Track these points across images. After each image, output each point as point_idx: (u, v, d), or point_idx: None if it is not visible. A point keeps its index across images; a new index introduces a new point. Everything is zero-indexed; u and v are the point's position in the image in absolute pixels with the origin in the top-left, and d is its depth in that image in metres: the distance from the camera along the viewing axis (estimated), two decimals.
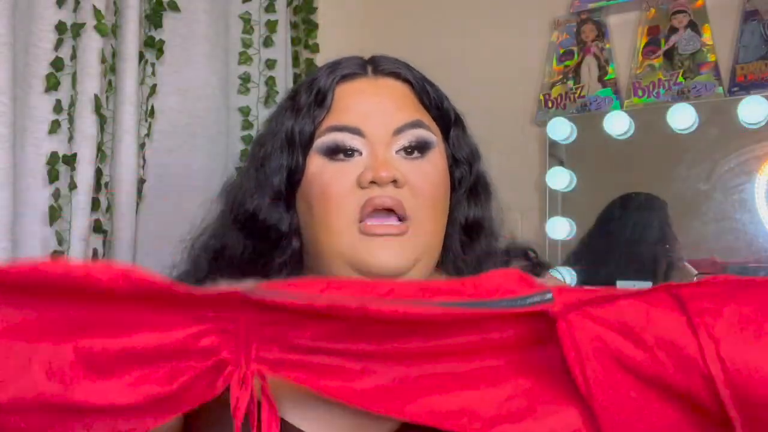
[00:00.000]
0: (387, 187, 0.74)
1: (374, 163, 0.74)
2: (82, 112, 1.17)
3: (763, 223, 1.36)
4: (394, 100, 0.79)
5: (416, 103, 0.80)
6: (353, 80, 0.80)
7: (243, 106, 1.60)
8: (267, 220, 0.81)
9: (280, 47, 1.65)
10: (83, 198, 1.16)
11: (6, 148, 1.03)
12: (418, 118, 0.78)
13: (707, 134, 1.43)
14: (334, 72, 0.80)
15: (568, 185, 1.55)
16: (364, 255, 0.74)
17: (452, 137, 0.83)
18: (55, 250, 1.13)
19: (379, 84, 0.80)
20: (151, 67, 1.38)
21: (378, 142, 0.76)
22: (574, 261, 1.55)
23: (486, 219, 0.84)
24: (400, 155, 0.76)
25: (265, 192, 0.81)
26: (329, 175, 0.76)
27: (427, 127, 0.78)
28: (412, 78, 0.80)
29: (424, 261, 0.77)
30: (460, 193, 0.83)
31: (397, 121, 0.76)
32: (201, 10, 1.49)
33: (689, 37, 1.47)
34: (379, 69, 0.81)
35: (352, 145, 0.76)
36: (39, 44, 1.15)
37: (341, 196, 0.75)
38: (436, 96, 0.82)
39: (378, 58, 0.82)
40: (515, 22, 1.71)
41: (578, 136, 1.56)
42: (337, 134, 0.76)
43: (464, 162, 0.83)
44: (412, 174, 0.76)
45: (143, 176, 1.36)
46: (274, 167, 0.81)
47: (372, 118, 0.77)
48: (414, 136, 0.77)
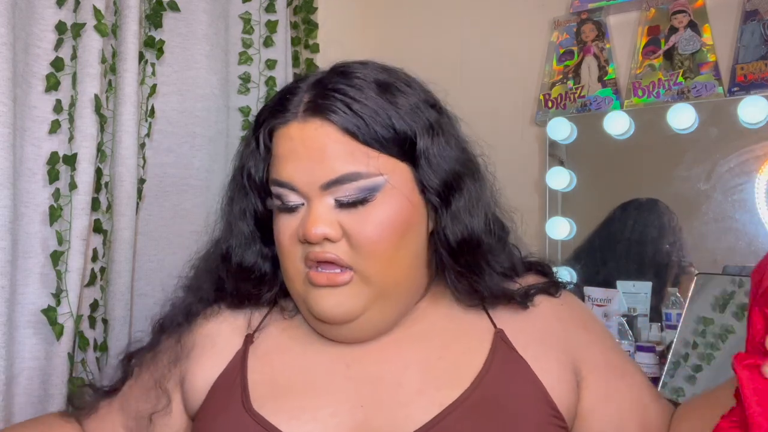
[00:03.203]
0: (323, 244, 0.73)
1: (306, 222, 0.73)
2: (82, 112, 1.17)
3: (763, 223, 1.36)
4: (320, 151, 0.72)
5: (351, 144, 0.73)
6: (285, 125, 0.75)
7: (243, 106, 1.60)
8: (242, 262, 0.83)
9: (280, 47, 1.65)
10: (83, 198, 1.16)
11: (6, 148, 1.03)
12: (348, 170, 0.72)
13: (707, 134, 1.43)
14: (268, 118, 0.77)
15: (568, 185, 1.55)
16: (311, 304, 0.76)
17: (420, 153, 0.76)
18: (55, 250, 1.13)
19: (306, 129, 0.73)
20: (151, 67, 1.38)
21: (311, 197, 0.74)
22: (574, 261, 1.55)
23: (477, 230, 0.79)
24: (337, 204, 0.73)
25: (236, 234, 0.83)
26: (278, 226, 0.77)
27: (365, 175, 0.72)
28: (342, 120, 0.72)
29: (384, 302, 0.76)
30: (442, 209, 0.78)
31: (322, 177, 0.72)
32: (201, 10, 1.49)
33: (689, 37, 1.47)
34: (308, 108, 0.74)
35: (291, 200, 0.75)
36: (39, 44, 1.15)
37: (288, 246, 0.76)
38: (381, 125, 0.73)
39: (315, 92, 0.75)
40: (515, 22, 1.71)
41: (578, 136, 1.56)
42: (279, 189, 0.76)
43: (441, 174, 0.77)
44: (351, 226, 0.73)
45: (143, 176, 1.36)
46: (238, 212, 0.82)
47: (300, 173, 0.73)
48: (346, 191, 0.72)
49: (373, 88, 0.75)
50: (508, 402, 0.73)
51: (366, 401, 0.74)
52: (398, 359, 0.77)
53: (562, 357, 0.78)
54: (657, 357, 1.31)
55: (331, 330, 0.78)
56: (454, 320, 0.80)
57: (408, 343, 0.78)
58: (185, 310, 0.86)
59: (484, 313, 0.80)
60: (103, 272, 1.24)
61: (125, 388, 0.87)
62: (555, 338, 0.79)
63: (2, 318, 1.03)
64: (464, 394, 0.72)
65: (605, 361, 0.80)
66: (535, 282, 0.84)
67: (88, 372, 1.20)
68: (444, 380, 0.74)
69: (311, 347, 0.80)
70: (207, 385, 0.81)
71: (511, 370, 0.75)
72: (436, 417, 0.71)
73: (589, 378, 0.78)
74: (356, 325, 0.76)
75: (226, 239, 0.84)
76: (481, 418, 0.71)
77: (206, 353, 0.83)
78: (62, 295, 1.13)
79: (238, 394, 0.77)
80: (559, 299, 0.83)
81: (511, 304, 0.80)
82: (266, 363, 0.80)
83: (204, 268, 0.88)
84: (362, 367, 0.77)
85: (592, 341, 0.81)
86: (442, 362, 0.76)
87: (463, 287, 0.80)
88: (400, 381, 0.75)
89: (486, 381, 0.74)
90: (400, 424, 0.71)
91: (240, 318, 0.85)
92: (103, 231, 1.23)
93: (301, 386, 0.77)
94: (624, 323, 1.38)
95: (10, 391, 1.07)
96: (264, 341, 0.82)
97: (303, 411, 0.74)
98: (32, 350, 1.12)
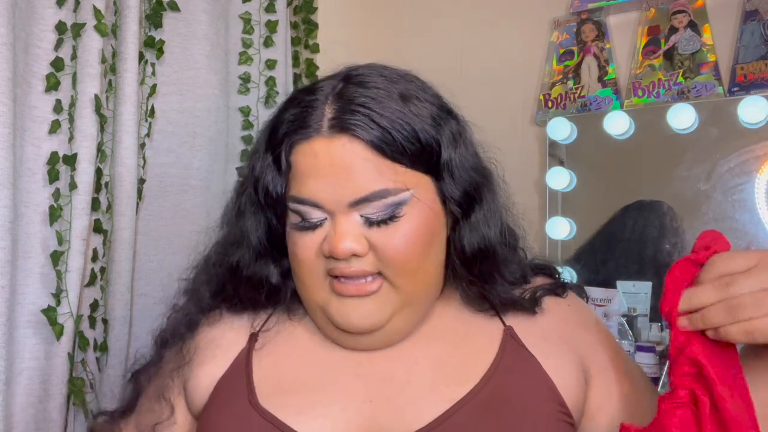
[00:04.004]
0: (350, 260, 0.72)
1: (332, 237, 0.72)
2: (82, 112, 1.17)
3: (763, 223, 1.36)
4: (347, 168, 0.71)
5: (378, 160, 0.72)
6: (307, 141, 0.73)
7: (243, 106, 1.60)
8: (253, 277, 0.82)
9: (280, 47, 1.65)
10: (83, 198, 1.16)
11: (6, 148, 1.03)
12: (377, 188, 0.71)
13: (707, 134, 1.43)
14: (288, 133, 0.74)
15: (568, 185, 1.55)
16: (334, 314, 0.75)
17: (444, 165, 0.76)
18: (55, 250, 1.13)
19: (332, 146, 0.72)
20: (151, 67, 1.38)
21: (337, 213, 0.73)
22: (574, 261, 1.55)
23: (492, 240, 0.79)
24: (365, 221, 0.73)
25: (247, 247, 0.81)
26: (296, 242, 0.76)
27: (393, 191, 0.72)
28: (369, 135, 0.71)
29: (407, 310, 0.76)
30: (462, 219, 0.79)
31: (352, 195, 0.72)
32: (201, 10, 1.49)
33: (689, 37, 1.47)
34: (334, 123, 0.72)
35: (313, 217, 0.74)
36: (39, 44, 1.15)
37: (309, 261, 0.75)
38: (406, 140, 0.72)
39: (338, 107, 0.73)
40: (515, 22, 1.71)
41: (578, 136, 1.56)
42: (299, 206, 0.74)
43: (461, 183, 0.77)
44: (378, 240, 0.73)
45: (143, 176, 1.36)
46: (250, 225, 0.81)
47: (326, 191, 0.72)
48: (374, 208, 0.72)
49: (395, 99, 0.73)
50: (517, 398, 0.73)
51: (375, 397, 0.75)
52: (409, 357, 0.77)
53: (571, 356, 0.79)
54: (657, 357, 1.31)
55: (351, 339, 0.77)
56: (464, 320, 0.81)
57: (419, 341, 0.79)
58: (187, 322, 0.85)
59: (494, 312, 0.81)
60: (103, 272, 1.24)
61: (138, 406, 0.87)
62: (563, 337, 0.80)
63: (2, 318, 1.03)
64: (474, 390, 0.73)
65: (611, 362, 0.81)
66: (543, 283, 0.85)
67: (88, 372, 1.20)
68: (454, 377, 0.75)
69: (320, 345, 0.81)
70: (211, 384, 0.81)
71: (521, 366, 0.76)
72: (445, 412, 0.71)
73: (597, 378, 0.79)
74: (380, 333, 0.76)
75: (234, 251, 0.82)
76: (491, 413, 0.72)
77: (209, 355, 0.83)
78: (62, 295, 1.13)
79: (244, 390, 0.77)
80: (566, 300, 0.84)
81: (519, 310, 0.81)
82: (272, 360, 0.80)
83: (204, 273, 0.87)
84: (372, 364, 0.77)
85: (597, 342, 0.82)
86: (453, 360, 0.77)
87: (473, 293, 0.81)
88: (410, 378, 0.76)
89: (496, 377, 0.74)
90: (409, 420, 0.72)
91: (243, 318, 0.85)
92: (103, 231, 1.23)
93: (309, 383, 0.77)
94: (624, 323, 1.38)
95: (10, 391, 1.07)
96: (269, 340, 0.82)
97: (311, 407, 0.74)
98: (32, 350, 1.12)
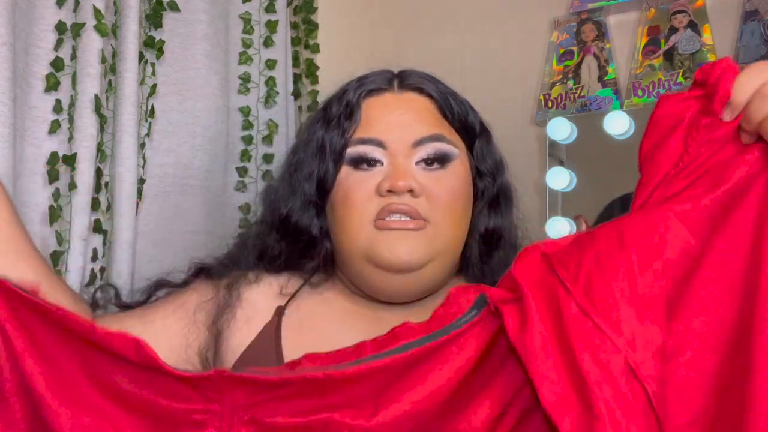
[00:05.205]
0: (404, 196, 0.78)
1: (393, 174, 0.79)
2: (82, 112, 1.17)
3: None
4: (416, 114, 0.83)
5: (438, 117, 0.84)
6: (379, 94, 0.84)
7: (243, 106, 1.60)
8: (299, 223, 0.86)
9: (280, 47, 1.65)
10: (83, 198, 1.16)
11: (6, 148, 1.03)
12: (438, 131, 0.82)
13: None
14: (361, 86, 0.85)
15: (568, 185, 1.55)
16: (380, 249, 0.78)
17: (476, 149, 0.86)
18: (55, 250, 1.13)
19: (402, 98, 0.84)
20: (151, 67, 1.38)
21: (399, 154, 0.80)
22: None
23: (505, 229, 0.88)
24: (420, 166, 0.81)
25: (297, 197, 0.87)
26: (352, 183, 0.81)
27: (448, 140, 0.82)
28: (435, 93, 0.84)
29: (440, 261, 0.80)
30: (482, 203, 0.87)
31: (417, 134, 0.81)
32: (201, 10, 1.49)
33: (689, 37, 1.47)
34: (404, 84, 0.85)
35: (374, 156, 0.81)
36: (39, 44, 1.15)
37: (361, 201, 0.80)
38: (460, 110, 0.85)
39: (405, 73, 0.86)
40: (515, 22, 1.71)
41: (578, 136, 1.56)
42: (362, 146, 0.81)
43: (487, 174, 0.87)
44: (430, 184, 0.80)
45: (143, 176, 1.36)
46: (306, 174, 0.86)
47: (393, 131, 0.81)
48: (433, 148, 0.81)
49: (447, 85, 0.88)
50: None
51: None
52: None
53: None
54: None
55: (387, 281, 0.80)
56: None
57: None
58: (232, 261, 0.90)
59: None
60: (103, 272, 1.23)
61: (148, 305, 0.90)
62: None
63: None
64: None
65: None
66: None
67: None
68: None
69: (346, 317, 0.84)
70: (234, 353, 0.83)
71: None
72: None
73: None
74: (414, 277, 0.79)
75: (286, 203, 0.88)
76: None
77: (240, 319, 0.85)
78: None
79: (274, 363, 0.79)
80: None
81: None
82: (299, 333, 0.83)
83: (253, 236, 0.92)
84: None
85: None
86: None
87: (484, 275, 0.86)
88: None
89: None
90: None
91: (275, 286, 0.88)
92: (103, 231, 1.23)
93: None
94: None
95: None
96: (296, 311, 0.85)
97: None
98: None
